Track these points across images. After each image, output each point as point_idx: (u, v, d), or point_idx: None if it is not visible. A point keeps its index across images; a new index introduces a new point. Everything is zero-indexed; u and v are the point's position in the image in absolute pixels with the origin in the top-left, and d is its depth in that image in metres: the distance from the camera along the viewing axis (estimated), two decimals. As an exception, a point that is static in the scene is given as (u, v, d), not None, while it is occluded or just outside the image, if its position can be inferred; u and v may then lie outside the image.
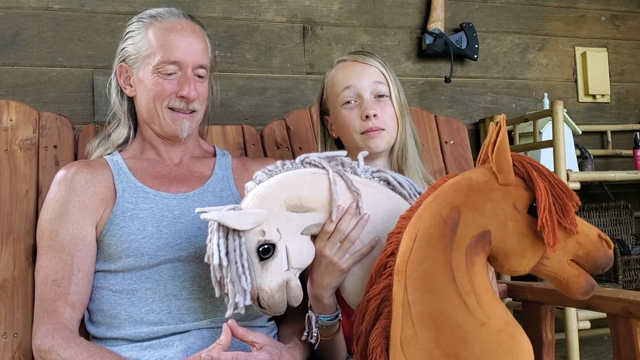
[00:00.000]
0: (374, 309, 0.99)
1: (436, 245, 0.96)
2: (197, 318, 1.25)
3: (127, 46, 1.38)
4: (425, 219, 0.98)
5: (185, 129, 1.35)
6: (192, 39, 1.35)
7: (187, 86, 1.32)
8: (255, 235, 1.06)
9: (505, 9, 2.42)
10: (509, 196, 0.98)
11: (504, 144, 0.97)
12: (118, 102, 1.42)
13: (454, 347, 0.92)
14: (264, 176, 1.13)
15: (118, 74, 1.40)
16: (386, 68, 1.42)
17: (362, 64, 1.42)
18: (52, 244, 1.28)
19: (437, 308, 0.94)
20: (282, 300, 1.08)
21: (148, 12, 1.39)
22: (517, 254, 0.98)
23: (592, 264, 0.99)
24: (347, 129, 1.40)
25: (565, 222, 0.96)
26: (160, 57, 1.32)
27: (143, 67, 1.35)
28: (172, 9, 1.39)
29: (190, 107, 1.35)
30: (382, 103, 1.40)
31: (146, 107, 1.36)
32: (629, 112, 2.57)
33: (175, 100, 1.33)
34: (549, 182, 0.97)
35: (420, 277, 0.96)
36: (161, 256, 1.27)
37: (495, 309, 0.96)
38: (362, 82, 1.39)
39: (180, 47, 1.33)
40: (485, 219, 0.97)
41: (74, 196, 1.30)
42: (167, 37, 1.33)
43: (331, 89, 1.44)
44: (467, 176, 1.02)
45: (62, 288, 1.25)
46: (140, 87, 1.36)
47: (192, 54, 1.34)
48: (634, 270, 2.26)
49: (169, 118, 1.34)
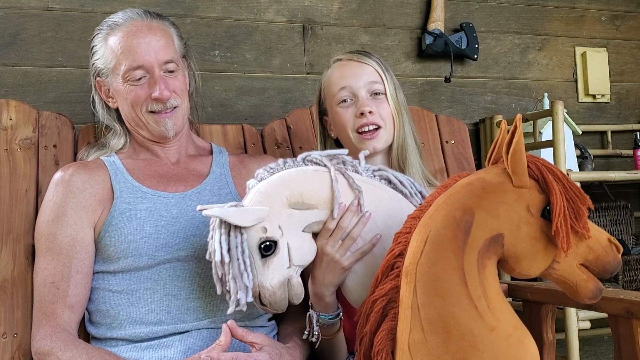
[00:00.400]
0: (380, 311, 0.98)
1: (448, 247, 0.94)
2: (197, 318, 1.25)
3: (95, 61, 1.38)
4: (438, 220, 0.97)
5: (169, 127, 1.35)
6: (149, 39, 1.33)
7: (157, 87, 1.31)
8: (257, 232, 1.06)
9: (505, 9, 2.42)
10: (523, 199, 0.96)
11: (520, 145, 0.95)
12: (106, 114, 1.42)
13: (464, 352, 0.91)
14: (266, 174, 1.14)
15: (98, 89, 1.40)
16: (382, 67, 1.43)
17: (358, 63, 1.42)
18: (50, 246, 1.28)
19: (448, 312, 0.92)
20: (284, 297, 1.08)
21: (105, 20, 1.39)
22: (529, 258, 0.97)
23: (601, 268, 0.99)
24: (343, 128, 1.41)
25: (578, 227, 0.95)
26: (124, 65, 1.31)
27: (114, 78, 1.34)
28: (127, 11, 1.38)
29: (169, 105, 1.34)
30: (377, 100, 1.40)
31: (129, 115, 1.36)
32: (629, 112, 2.57)
33: (152, 103, 1.33)
34: (563, 186, 0.96)
35: (431, 280, 0.94)
36: (160, 256, 1.26)
37: (505, 313, 0.95)
38: (357, 81, 1.40)
39: (140, 50, 1.31)
40: (498, 222, 0.95)
41: (71, 198, 1.29)
42: (125, 43, 1.32)
43: (328, 89, 1.44)
44: (481, 176, 1.00)
45: (61, 290, 1.25)
46: (119, 98, 1.37)
47: (154, 53, 1.32)
48: (634, 270, 2.26)
49: (152, 121, 1.34)
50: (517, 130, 0.95)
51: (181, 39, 1.43)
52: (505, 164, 0.97)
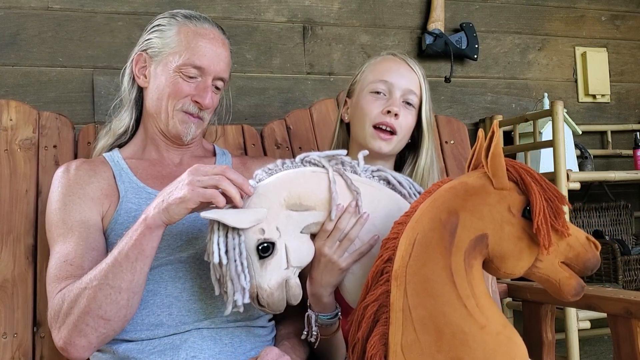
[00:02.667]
0: (371, 316, 0.99)
1: (436, 249, 0.97)
2: (198, 319, 1.25)
3: (153, 38, 1.37)
4: (424, 223, 0.99)
5: (191, 132, 1.35)
6: (220, 50, 1.36)
7: (205, 94, 1.33)
8: (254, 234, 1.06)
9: (505, 9, 2.42)
10: (504, 200, 1.00)
11: (499, 149, 0.99)
12: (128, 89, 1.41)
13: (456, 350, 0.93)
14: (264, 175, 1.14)
15: (135, 62, 1.39)
16: (425, 84, 1.44)
17: (409, 67, 1.43)
18: (60, 231, 1.24)
19: (439, 312, 0.94)
20: (282, 298, 1.08)
21: (182, 12, 1.40)
22: (514, 257, 1.00)
23: (582, 266, 1.02)
24: (363, 116, 1.40)
25: (558, 225, 0.98)
26: (186, 58, 1.32)
27: (165, 62, 1.34)
28: (207, 17, 1.40)
29: (201, 114, 1.35)
30: (406, 110, 1.41)
31: (157, 102, 1.35)
32: (629, 112, 2.57)
33: (190, 104, 1.33)
34: (541, 186, 1.00)
35: (420, 281, 0.96)
36: (161, 258, 1.26)
37: (493, 312, 0.98)
38: (400, 81, 1.40)
39: (207, 54, 1.33)
40: (482, 223, 0.98)
41: (77, 188, 1.28)
42: (197, 42, 1.33)
43: (369, 73, 1.44)
44: (463, 180, 1.03)
45: (75, 266, 1.18)
46: (154, 81, 1.36)
47: (217, 64, 1.34)
48: (634, 270, 2.26)
49: (179, 119, 1.34)
50: (495, 135, 0.98)
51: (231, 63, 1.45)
52: (485, 167, 1.01)
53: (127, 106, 1.42)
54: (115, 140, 1.42)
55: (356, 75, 1.49)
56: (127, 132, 1.42)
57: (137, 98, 1.41)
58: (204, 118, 1.37)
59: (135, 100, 1.41)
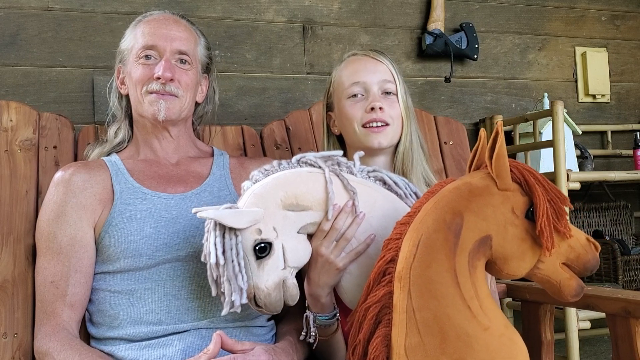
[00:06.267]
0: (373, 318, 0.99)
1: (440, 250, 0.96)
2: (196, 318, 1.25)
3: (121, 47, 1.43)
4: (428, 224, 0.98)
5: (161, 108, 1.34)
6: (172, 27, 1.39)
7: (160, 66, 1.34)
8: (251, 234, 1.06)
9: (505, 9, 2.42)
10: (508, 201, 0.99)
11: (503, 150, 0.98)
12: (117, 102, 1.46)
13: (460, 352, 0.93)
14: (261, 175, 1.14)
15: (117, 76, 1.44)
16: (395, 69, 1.43)
17: (374, 60, 1.42)
18: (50, 245, 1.29)
19: (443, 314, 0.94)
20: (279, 299, 1.08)
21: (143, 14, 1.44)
22: (517, 258, 1.00)
23: (582, 267, 1.03)
24: (349, 122, 1.40)
25: (560, 226, 0.99)
26: (139, 45, 1.37)
27: (129, 61, 1.39)
28: (166, 11, 1.44)
29: (167, 89, 1.35)
30: (389, 100, 1.40)
31: (133, 95, 1.39)
32: (629, 112, 2.57)
33: (153, 82, 1.35)
34: (544, 188, 1.00)
35: (425, 283, 0.95)
36: (159, 256, 1.27)
37: (496, 313, 0.97)
38: (371, 77, 1.40)
39: (156, 32, 1.37)
40: (487, 224, 0.98)
41: (71, 197, 1.30)
42: (149, 29, 1.38)
43: (339, 82, 1.44)
44: (467, 181, 1.02)
45: (60, 290, 1.26)
46: (129, 82, 1.40)
47: (171, 40, 1.37)
48: (634, 270, 2.26)
49: (147, 101, 1.36)
50: (499, 136, 0.98)
51: (207, 50, 1.47)
52: (489, 168, 1.00)
53: (120, 118, 1.46)
54: (113, 148, 1.44)
55: (328, 88, 1.48)
56: (124, 142, 1.45)
57: (127, 108, 1.45)
58: (176, 94, 1.36)
59: (125, 110, 1.45)
